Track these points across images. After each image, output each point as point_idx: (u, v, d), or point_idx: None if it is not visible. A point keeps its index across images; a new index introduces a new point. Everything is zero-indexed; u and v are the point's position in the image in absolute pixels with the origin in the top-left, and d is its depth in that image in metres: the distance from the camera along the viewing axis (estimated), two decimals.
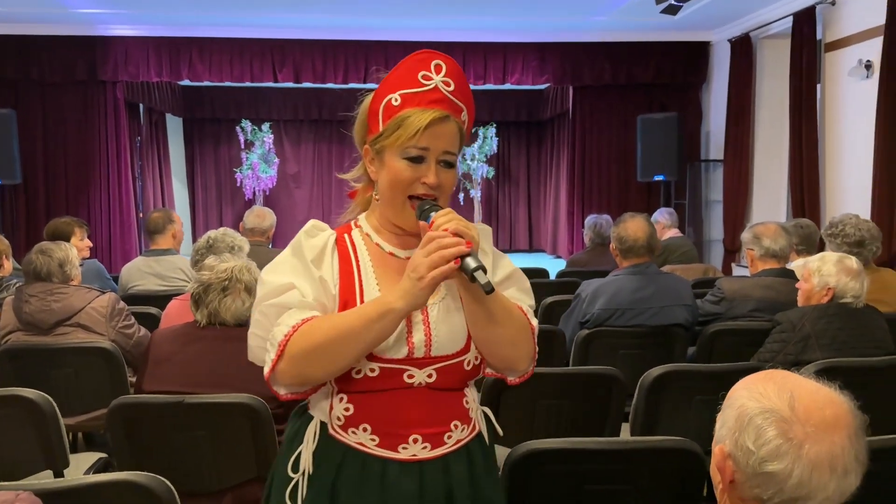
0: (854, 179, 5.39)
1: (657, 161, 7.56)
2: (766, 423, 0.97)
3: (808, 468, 0.94)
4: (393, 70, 1.33)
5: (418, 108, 1.28)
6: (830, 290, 2.53)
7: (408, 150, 1.28)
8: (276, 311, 1.28)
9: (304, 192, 11.36)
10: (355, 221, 1.42)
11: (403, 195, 1.30)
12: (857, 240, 3.19)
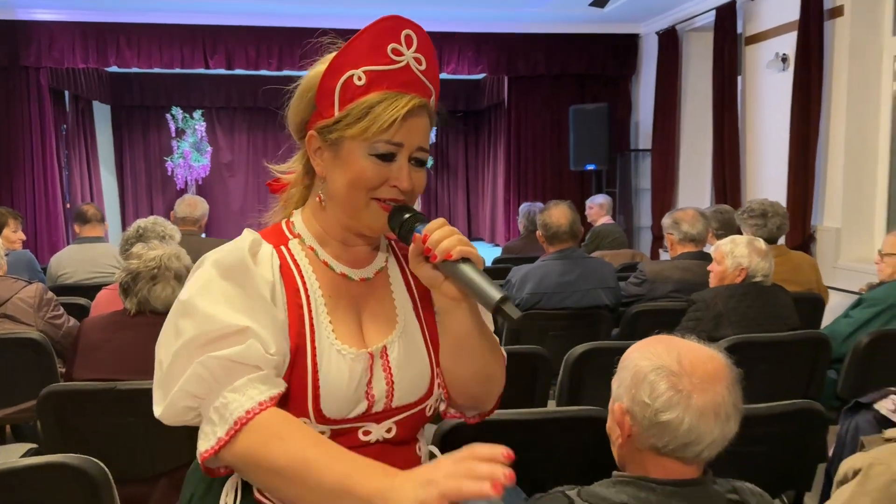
0: (772, 167, 5.66)
1: (589, 150, 7.76)
2: (658, 378, 1.08)
3: (696, 416, 1.06)
4: (354, 38, 1.05)
5: (389, 93, 1.03)
6: (743, 271, 2.70)
7: (376, 146, 1.03)
8: (227, 368, 0.97)
9: (238, 181, 11.21)
10: (290, 227, 1.13)
11: (367, 198, 1.06)
12: (760, 212, 3.41)
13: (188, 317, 0.99)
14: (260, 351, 0.97)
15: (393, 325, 1.11)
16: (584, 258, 3.42)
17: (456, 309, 1.06)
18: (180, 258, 2.44)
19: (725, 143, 6.15)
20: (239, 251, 1.04)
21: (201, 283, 1.02)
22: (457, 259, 1.00)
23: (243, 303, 1.00)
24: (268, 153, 11.34)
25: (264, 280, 1.03)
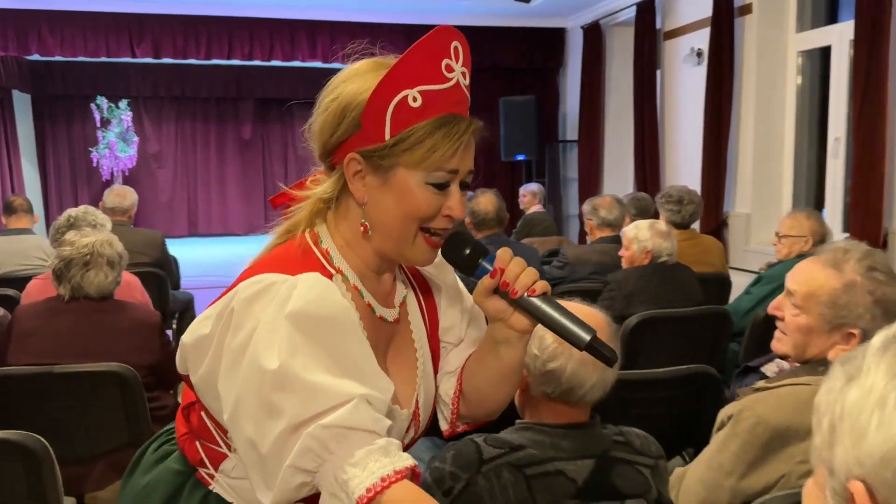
0: (688, 157, 5.97)
1: (519, 141, 7.98)
2: (545, 333, 1.24)
3: (577, 364, 1.22)
4: (408, 53, 0.96)
5: (447, 116, 0.96)
6: (649, 253, 2.92)
7: (436, 175, 0.96)
8: (339, 436, 0.86)
9: (167, 173, 11.02)
10: (326, 257, 1.01)
11: (416, 228, 0.98)
12: (677, 199, 3.66)
13: (286, 391, 0.86)
14: (369, 413, 0.87)
15: (415, 366, 1.08)
16: (509, 243, 3.59)
17: (518, 341, 1.03)
18: (113, 245, 2.48)
19: (646, 134, 6.45)
20: (325, 298, 0.91)
21: (287, 345, 0.87)
22: (539, 294, 0.98)
23: (345, 361, 0.89)
24: (197, 143, 11.18)
25: (350, 317, 0.93)
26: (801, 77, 5.19)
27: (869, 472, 0.54)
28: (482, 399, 1.12)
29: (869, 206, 4.01)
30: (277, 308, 0.89)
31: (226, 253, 9.67)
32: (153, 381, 2.41)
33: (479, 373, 1.10)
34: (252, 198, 11.39)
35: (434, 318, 1.13)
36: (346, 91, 0.99)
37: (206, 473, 1.05)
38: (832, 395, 0.57)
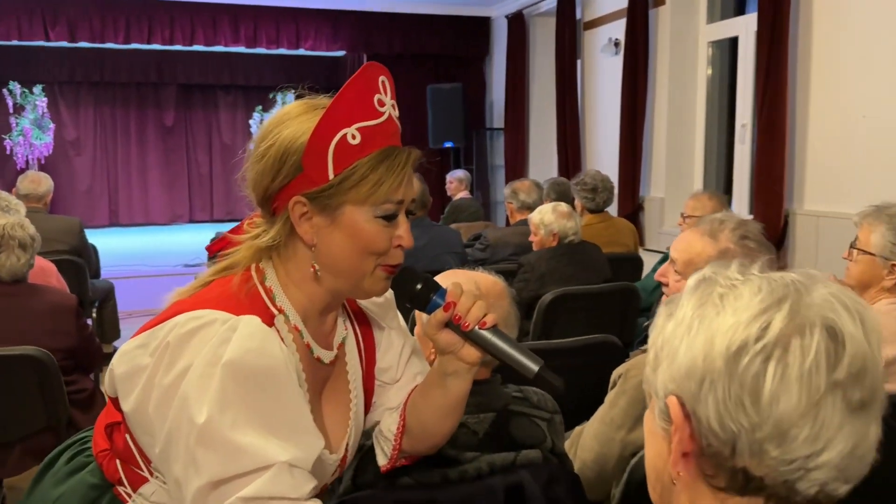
0: (607, 144, 6.18)
1: (446, 128, 8.08)
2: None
3: None
4: (342, 93, 0.97)
5: (387, 149, 0.97)
6: (556, 235, 3.06)
7: (384, 208, 0.97)
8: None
9: (85, 160, 10.67)
10: (270, 297, 1.00)
11: (375, 264, 0.99)
12: (592, 187, 3.81)
13: (209, 448, 0.86)
14: (289, 481, 0.88)
15: (348, 408, 1.09)
16: (433, 226, 3.67)
17: (467, 373, 1.05)
18: (24, 227, 2.45)
19: (567, 122, 6.63)
20: (265, 349, 0.91)
21: (218, 397, 0.87)
22: (489, 327, 1.00)
23: (274, 418, 0.89)
24: (117, 130, 10.86)
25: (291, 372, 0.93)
26: (710, 67, 5.44)
27: (679, 386, 0.62)
28: (426, 432, 1.13)
29: (771, 188, 4.26)
30: (213, 351, 0.88)
31: (148, 243, 9.46)
32: (71, 364, 2.40)
33: (424, 407, 1.11)
34: (175, 186, 11.14)
35: (372, 357, 1.14)
36: (283, 136, 0.98)
37: (125, 492, 1.04)
38: (657, 330, 0.67)
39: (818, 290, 0.61)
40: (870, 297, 1.78)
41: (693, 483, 0.64)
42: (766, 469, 0.59)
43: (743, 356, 0.59)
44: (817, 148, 4.11)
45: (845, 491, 0.61)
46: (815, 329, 0.59)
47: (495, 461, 1.29)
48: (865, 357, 0.59)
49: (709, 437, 0.61)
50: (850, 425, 0.58)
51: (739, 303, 0.61)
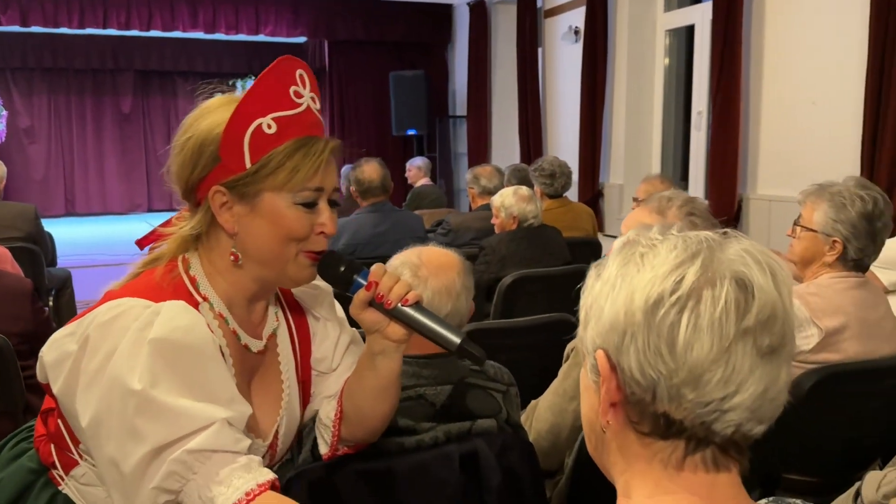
0: (568, 131, 6.25)
1: (409, 116, 8.08)
2: (404, 269, 1.37)
3: (432, 294, 1.35)
4: (255, 84, 1.00)
5: (304, 138, 1.00)
6: (515, 218, 3.12)
7: (303, 195, 1.00)
8: (204, 459, 0.91)
9: (40, 148, 10.43)
10: (194, 284, 1.03)
11: (296, 250, 1.02)
12: (549, 172, 3.86)
13: (148, 415, 0.89)
14: (231, 434, 0.92)
15: (279, 398, 1.10)
16: (394, 211, 3.69)
17: (395, 351, 1.08)
18: None
19: (529, 109, 6.69)
20: (191, 326, 0.94)
21: (149, 370, 0.90)
22: (412, 303, 1.03)
23: (205, 387, 0.92)
24: (73, 118, 10.62)
25: (208, 339, 0.95)
26: (668, 56, 5.53)
27: (605, 340, 0.66)
28: (363, 417, 1.14)
29: (725, 173, 4.37)
30: (137, 332, 0.91)
31: (105, 232, 9.29)
32: (27, 349, 2.37)
33: (358, 390, 1.13)
34: (133, 175, 10.94)
35: (307, 348, 1.16)
36: (200, 128, 1.01)
37: (58, 475, 1.07)
38: (587, 291, 0.71)
39: (732, 247, 0.65)
40: (812, 273, 1.85)
41: (621, 431, 0.68)
42: (685, 412, 0.63)
43: (659, 308, 0.63)
44: (769, 134, 4.22)
45: (760, 431, 0.65)
46: (726, 280, 0.62)
47: (451, 430, 1.32)
48: (775, 306, 0.63)
49: (632, 385, 0.65)
50: (761, 369, 0.62)
51: (657, 260, 0.65)
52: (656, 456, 0.67)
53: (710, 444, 0.65)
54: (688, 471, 0.66)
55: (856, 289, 1.81)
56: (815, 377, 1.67)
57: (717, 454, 0.66)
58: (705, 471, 0.66)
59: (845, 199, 1.76)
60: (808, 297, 1.78)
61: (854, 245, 1.77)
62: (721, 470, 0.66)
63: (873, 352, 1.78)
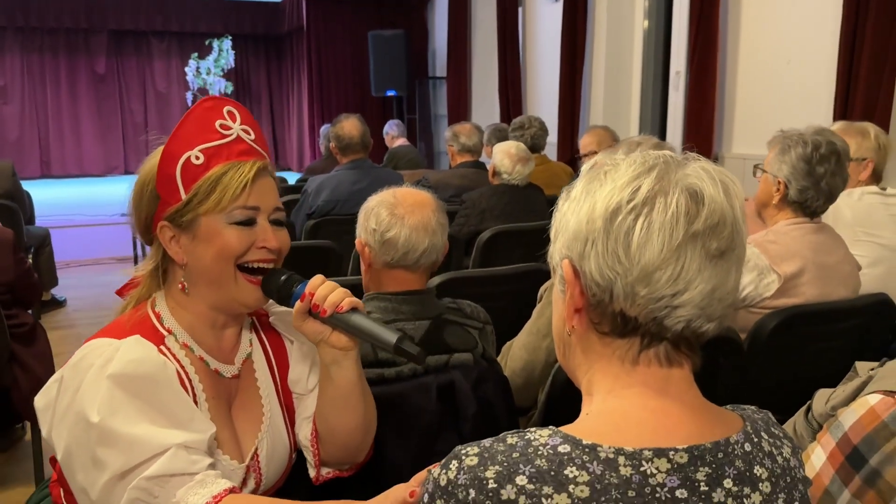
0: (547, 92, 6.27)
1: (388, 76, 8.03)
2: (380, 208, 1.41)
3: (409, 230, 1.40)
4: (180, 124, 1.08)
5: (231, 162, 1.05)
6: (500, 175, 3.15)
7: (234, 214, 1.05)
8: (162, 483, 0.96)
9: (13, 109, 10.26)
10: (158, 319, 1.09)
11: (234, 269, 1.06)
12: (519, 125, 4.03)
13: (108, 445, 0.95)
14: (186, 458, 0.96)
15: (260, 420, 1.13)
16: (373, 168, 3.71)
17: (344, 359, 1.09)
18: None
19: (508, 70, 6.69)
20: (143, 359, 1.00)
21: (105, 401, 0.96)
22: (347, 310, 1.05)
23: (162, 413, 0.97)
24: (46, 77, 10.44)
25: (169, 378, 1.01)
26: (647, 17, 5.55)
27: (570, 249, 0.72)
28: (334, 432, 1.15)
29: (701, 131, 4.43)
30: (99, 369, 0.98)
31: (83, 193, 9.21)
32: (9, 299, 2.40)
33: (322, 405, 1.15)
34: (109, 136, 10.81)
35: (285, 372, 1.20)
36: (142, 172, 1.10)
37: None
38: (557, 212, 0.77)
39: (690, 165, 0.71)
40: (770, 216, 1.92)
41: (585, 334, 0.75)
42: (638, 308, 0.69)
43: (617, 216, 0.69)
44: (746, 93, 4.28)
45: (710, 329, 0.71)
46: (677, 189, 0.69)
47: (429, 362, 1.38)
48: (724, 213, 0.69)
49: (593, 287, 0.71)
50: (710, 270, 0.68)
51: (617, 174, 0.71)
52: (615, 353, 0.73)
53: (663, 340, 0.71)
54: (643, 365, 0.72)
55: (813, 234, 1.88)
56: (776, 319, 1.74)
57: (669, 350, 0.72)
58: (659, 365, 0.72)
59: (791, 143, 1.82)
60: (767, 245, 1.85)
61: (794, 186, 1.83)
62: (673, 365, 0.72)
63: (830, 294, 1.86)
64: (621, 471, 0.66)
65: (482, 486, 0.66)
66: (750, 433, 0.74)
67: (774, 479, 0.72)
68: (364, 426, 1.16)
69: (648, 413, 0.71)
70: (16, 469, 0.98)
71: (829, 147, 1.78)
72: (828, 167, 1.79)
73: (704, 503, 0.68)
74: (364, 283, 1.50)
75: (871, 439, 0.96)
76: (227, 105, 1.10)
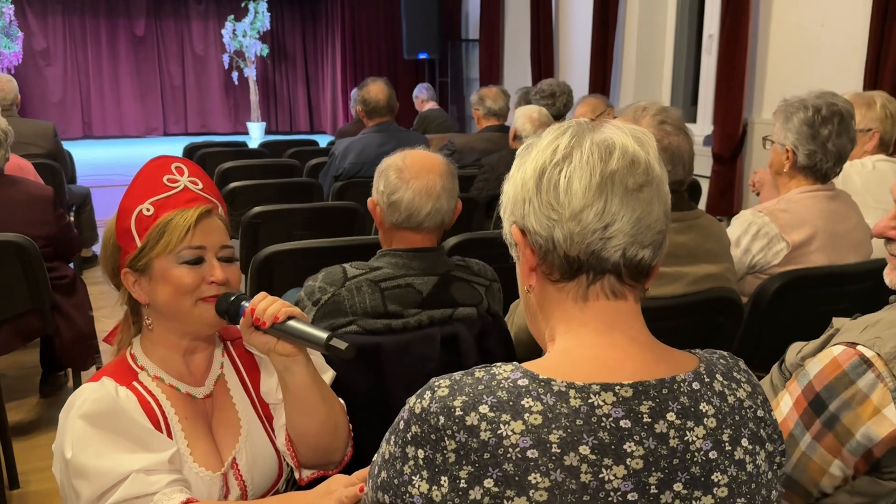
0: (579, 55, 6.23)
1: (420, 39, 8.04)
2: (390, 171, 1.49)
3: (413, 194, 1.47)
4: (131, 184, 1.22)
5: (177, 210, 1.18)
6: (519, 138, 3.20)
7: (182, 255, 1.17)
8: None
9: (56, 71, 10.49)
10: (133, 359, 1.23)
11: (192, 299, 1.19)
12: (549, 93, 3.92)
13: (80, 477, 1.10)
14: (145, 481, 1.09)
15: (237, 432, 1.24)
16: (399, 131, 3.78)
17: (293, 364, 1.20)
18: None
19: (541, 33, 6.64)
20: (102, 397, 1.13)
21: (78, 439, 1.10)
22: (284, 319, 1.15)
23: (125, 442, 1.11)
24: (87, 40, 10.63)
25: (141, 416, 1.15)
26: None
27: (514, 214, 0.82)
28: (301, 435, 1.25)
29: (731, 97, 4.39)
30: (76, 410, 1.13)
31: (123, 154, 9.44)
32: (51, 252, 2.54)
33: (287, 411, 1.26)
34: (148, 98, 11.01)
35: (258, 387, 1.30)
36: (105, 230, 1.25)
37: None
38: (503, 195, 0.86)
39: (606, 127, 0.81)
40: (783, 185, 1.94)
41: (541, 287, 0.83)
42: (578, 247, 0.78)
43: (544, 173, 0.79)
44: (777, 57, 4.22)
45: (646, 255, 0.80)
46: (589, 142, 0.79)
47: (434, 315, 1.47)
48: (636, 154, 0.78)
49: (538, 241, 0.80)
50: (632, 203, 0.77)
51: (540, 143, 0.82)
52: (568, 295, 0.81)
53: (606, 273, 0.80)
54: (592, 300, 0.81)
55: (825, 202, 1.90)
56: (779, 281, 1.78)
57: (613, 283, 0.80)
58: (606, 298, 0.81)
59: (793, 109, 1.84)
60: (778, 213, 1.88)
61: (801, 151, 1.85)
62: (619, 298, 0.81)
63: (839, 261, 1.89)
64: (571, 402, 0.74)
65: (450, 413, 0.75)
66: (702, 374, 0.81)
67: (721, 416, 0.79)
68: (329, 428, 1.25)
69: (599, 350, 0.79)
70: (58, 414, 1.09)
71: (830, 108, 1.80)
72: (832, 128, 1.81)
73: (647, 432, 0.75)
74: (380, 240, 1.59)
75: (832, 387, 1.02)
76: (174, 161, 1.23)
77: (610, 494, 0.73)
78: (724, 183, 4.43)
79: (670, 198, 0.83)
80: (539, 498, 0.72)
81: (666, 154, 1.61)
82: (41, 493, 2.39)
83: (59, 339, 2.57)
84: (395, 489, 0.78)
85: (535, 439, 0.73)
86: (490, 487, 0.72)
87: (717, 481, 0.77)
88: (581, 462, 0.73)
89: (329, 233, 2.95)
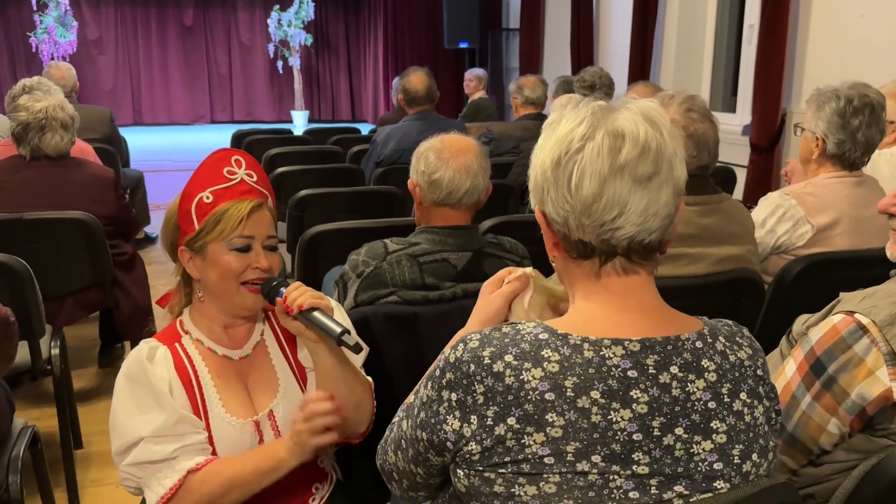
0: (619, 45, 6.24)
1: (461, 29, 8.11)
2: (429, 152, 1.61)
3: (452, 172, 1.58)
4: (195, 172, 1.34)
5: (233, 201, 1.30)
6: None
7: (233, 242, 1.30)
8: (139, 468, 1.27)
9: (108, 59, 10.83)
10: (181, 325, 1.39)
11: (236, 283, 1.32)
12: (590, 84, 3.98)
13: (113, 430, 1.29)
14: (154, 448, 1.25)
15: (276, 389, 1.38)
16: (438, 119, 3.88)
17: (319, 349, 1.31)
18: (64, 108, 2.70)
19: (581, 23, 6.67)
20: (139, 360, 1.30)
21: (118, 396, 1.29)
22: (308, 309, 1.26)
23: (147, 404, 1.27)
24: (138, 29, 10.94)
25: (161, 378, 1.29)
26: None
27: (536, 198, 0.91)
28: None
29: (770, 88, 4.39)
30: (120, 371, 1.31)
31: (173, 140, 9.72)
32: (111, 230, 2.71)
33: (316, 385, 1.38)
34: (196, 86, 11.29)
35: (296, 352, 1.43)
36: (168, 209, 1.38)
37: None
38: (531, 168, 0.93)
39: (621, 113, 0.87)
40: (812, 171, 2.00)
41: (563, 260, 0.93)
42: (590, 235, 0.87)
43: (559, 166, 0.86)
44: (816, 48, 4.21)
45: (654, 238, 0.87)
46: (601, 133, 0.85)
47: (468, 288, 1.57)
48: (646, 142, 0.84)
49: (556, 224, 0.89)
50: (640, 193, 0.84)
51: (557, 130, 0.89)
52: (584, 271, 0.91)
53: (616, 255, 0.88)
54: (605, 277, 0.90)
55: (852, 187, 1.95)
56: (801, 263, 1.85)
57: (624, 263, 0.89)
58: (617, 276, 0.90)
59: (825, 98, 1.89)
60: (804, 196, 1.93)
61: (831, 140, 1.90)
62: (630, 274, 0.90)
63: (863, 246, 1.94)
64: (585, 354, 0.85)
65: (479, 361, 0.86)
66: (706, 335, 0.90)
67: (722, 372, 0.88)
68: (351, 405, 1.35)
69: (611, 312, 0.89)
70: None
71: (862, 99, 1.85)
72: (862, 119, 1.85)
73: (651, 382, 0.85)
74: (416, 218, 1.70)
75: (831, 351, 1.10)
76: (234, 154, 1.35)
77: (617, 433, 0.83)
78: (762, 172, 4.45)
79: (684, 172, 0.88)
80: (555, 434, 0.82)
81: (692, 140, 1.69)
82: (101, 453, 2.58)
83: (118, 312, 2.75)
84: (432, 427, 0.89)
85: (553, 384, 0.83)
86: (513, 424, 0.83)
87: (717, 428, 0.87)
88: (592, 405, 0.83)
89: (370, 215, 3.07)
